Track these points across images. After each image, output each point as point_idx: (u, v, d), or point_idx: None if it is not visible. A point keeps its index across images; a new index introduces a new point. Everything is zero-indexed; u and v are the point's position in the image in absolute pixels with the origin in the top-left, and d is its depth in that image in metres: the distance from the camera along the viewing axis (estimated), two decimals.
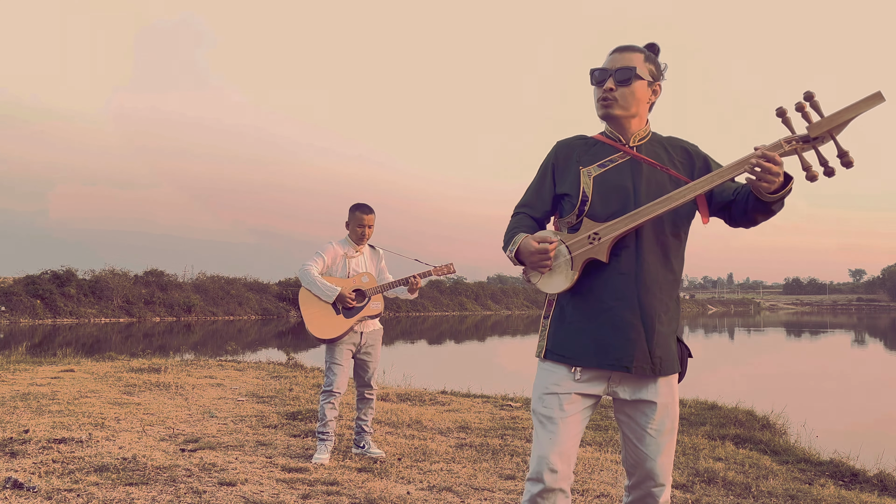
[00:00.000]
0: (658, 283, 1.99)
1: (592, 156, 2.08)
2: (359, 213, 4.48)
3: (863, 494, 4.10)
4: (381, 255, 4.70)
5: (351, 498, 3.55)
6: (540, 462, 1.93)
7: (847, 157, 1.78)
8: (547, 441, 1.95)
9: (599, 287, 1.99)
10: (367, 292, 4.45)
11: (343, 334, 4.38)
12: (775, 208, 1.91)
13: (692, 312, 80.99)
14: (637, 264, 1.98)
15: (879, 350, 24.58)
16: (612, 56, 2.07)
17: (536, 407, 2.02)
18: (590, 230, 1.98)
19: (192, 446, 4.53)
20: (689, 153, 2.12)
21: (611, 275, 1.98)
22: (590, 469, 4.36)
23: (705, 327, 41.20)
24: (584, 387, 1.99)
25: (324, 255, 4.45)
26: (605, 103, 2.05)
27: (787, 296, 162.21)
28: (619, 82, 2.04)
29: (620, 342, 1.95)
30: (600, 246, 1.96)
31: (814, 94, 1.79)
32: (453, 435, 5.35)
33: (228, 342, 21.04)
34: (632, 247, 1.98)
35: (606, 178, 2.04)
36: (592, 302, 1.99)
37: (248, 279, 45.88)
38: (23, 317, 32.31)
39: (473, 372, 12.77)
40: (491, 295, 63.05)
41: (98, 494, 3.36)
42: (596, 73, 2.07)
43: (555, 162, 2.14)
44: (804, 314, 78.71)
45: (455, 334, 32.01)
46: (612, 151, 2.08)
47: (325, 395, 4.42)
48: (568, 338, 2.01)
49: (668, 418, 2.01)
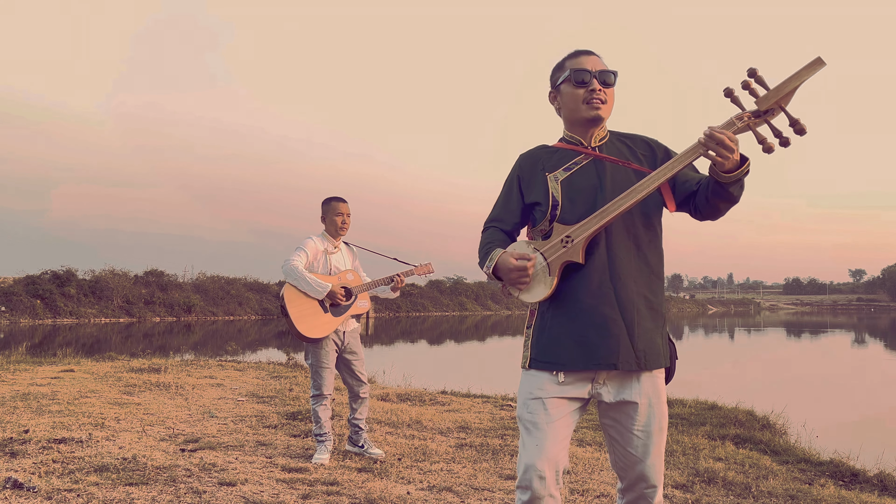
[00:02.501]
0: (632, 276, 1.99)
1: (556, 161, 2.09)
2: (335, 202, 4.44)
3: (863, 494, 4.10)
4: (355, 252, 4.66)
5: (351, 498, 3.55)
6: (528, 469, 1.92)
7: (798, 124, 1.79)
8: (533, 447, 1.94)
9: (575, 288, 1.98)
10: (353, 290, 4.40)
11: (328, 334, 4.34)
12: (734, 191, 1.87)
13: (692, 312, 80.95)
14: (609, 259, 1.98)
15: (879, 350, 24.58)
16: (585, 58, 2.06)
17: (521, 413, 2.01)
18: (561, 234, 1.98)
19: (192, 446, 4.53)
20: (650, 146, 2.13)
21: (584, 273, 1.98)
22: (590, 469, 4.35)
23: (705, 327, 41.21)
24: (568, 390, 1.98)
25: (306, 249, 4.36)
26: (596, 104, 2.04)
27: (787, 296, 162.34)
28: (604, 84, 2.04)
29: (604, 340, 1.94)
30: (574, 248, 1.96)
31: (757, 70, 1.80)
32: (453, 435, 5.35)
33: (228, 342, 21.05)
34: (602, 243, 1.98)
35: (573, 180, 2.04)
36: (570, 303, 1.99)
37: (248, 279, 45.96)
38: (23, 317, 32.32)
39: (473, 372, 12.76)
40: (491, 295, 63.04)
41: (98, 494, 3.36)
42: (578, 73, 2.04)
43: (520, 174, 2.14)
44: (804, 314, 78.71)
45: (455, 334, 32.01)
46: (575, 155, 2.08)
47: (316, 399, 4.39)
48: (551, 344, 2.00)
49: (655, 418, 1.99)
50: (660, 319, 2.03)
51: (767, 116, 1.83)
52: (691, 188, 2.00)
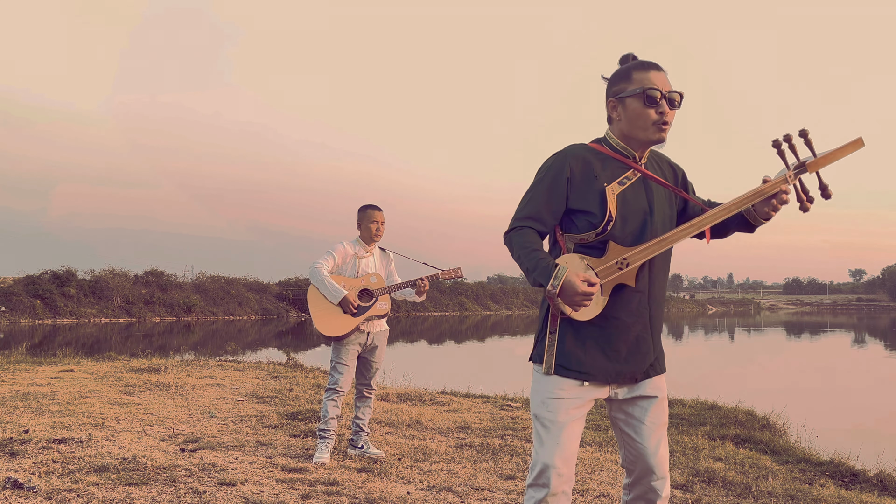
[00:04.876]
0: (663, 297, 2.10)
1: (611, 173, 2.01)
2: (370, 210, 4.56)
3: (863, 494, 4.10)
4: (391, 257, 4.75)
5: (351, 498, 3.55)
6: (546, 467, 1.95)
7: (827, 190, 2.02)
8: (553, 445, 1.96)
9: (616, 305, 2.01)
10: (374, 292, 4.48)
11: (349, 333, 4.41)
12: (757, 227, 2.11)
13: (692, 312, 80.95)
14: (650, 282, 2.04)
15: (879, 350, 24.57)
16: (657, 74, 1.99)
17: (539, 411, 2.01)
18: (618, 255, 1.96)
19: (192, 446, 4.53)
20: (672, 167, 2.19)
21: (626, 293, 2.01)
22: (590, 469, 4.35)
23: (705, 327, 41.20)
24: (589, 392, 2.03)
25: (334, 253, 4.50)
26: (665, 128, 1.99)
27: (787, 296, 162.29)
28: (671, 105, 1.99)
29: (636, 358, 2.03)
30: (630, 272, 1.99)
31: (808, 132, 1.95)
32: (453, 435, 5.35)
33: (228, 342, 21.05)
34: (646, 267, 2.03)
35: (626, 197, 2.00)
36: (609, 319, 2.00)
37: (248, 279, 45.93)
38: (23, 317, 32.31)
39: (473, 372, 12.76)
40: (491, 295, 63.04)
41: (98, 494, 3.36)
42: (652, 92, 1.96)
43: (570, 175, 2.00)
44: (804, 314, 78.71)
45: (455, 334, 32.01)
46: (626, 168, 2.03)
47: (329, 393, 4.45)
48: (580, 354, 2.00)
49: (663, 411, 2.10)
50: None
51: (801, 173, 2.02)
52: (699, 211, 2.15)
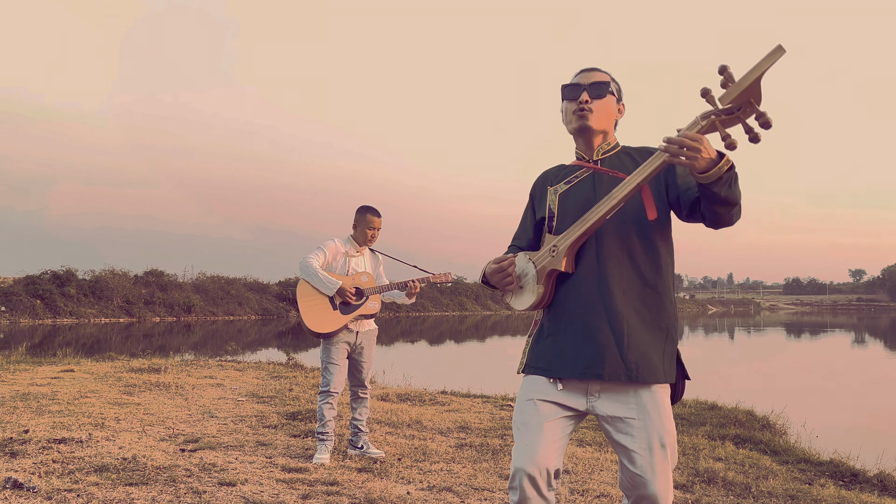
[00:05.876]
0: (622, 287, 1.95)
1: (561, 176, 2.15)
2: (369, 215, 4.53)
3: (863, 494, 4.10)
4: (380, 259, 4.74)
5: (351, 498, 3.55)
6: (517, 471, 1.91)
7: (763, 117, 1.71)
8: (523, 448, 1.93)
9: (567, 296, 2.01)
10: (365, 291, 4.46)
11: (338, 330, 4.39)
12: (719, 191, 1.76)
13: (692, 312, 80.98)
14: (599, 269, 1.97)
15: (879, 350, 24.57)
16: (581, 74, 2.11)
17: (515, 415, 2.03)
18: (550, 244, 2.04)
19: (192, 446, 4.53)
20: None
21: (575, 283, 2.00)
22: (590, 469, 4.36)
23: (705, 327, 41.20)
24: (563, 396, 1.96)
25: (325, 250, 4.48)
26: (581, 114, 2.06)
27: (787, 296, 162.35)
28: (593, 96, 2.07)
29: (590, 348, 1.93)
30: (558, 256, 2.00)
31: (727, 67, 1.71)
32: (453, 435, 5.35)
33: (228, 342, 21.05)
34: (593, 253, 1.99)
35: (569, 193, 2.10)
36: (562, 312, 2.01)
37: (248, 279, 45.95)
38: (23, 317, 32.31)
39: (473, 372, 12.76)
40: (491, 295, 63.02)
41: (98, 494, 3.36)
42: (568, 88, 2.10)
43: (533, 192, 2.24)
44: (804, 314, 78.70)
45: (455, 334, 32.00)
46: (578, 169, 2.13)
47: (323, 396, 4.43)
48: (544, 350, 2.03)
49: (656, 434, 1.89)
50: (659, 334, 1.96)
51: (740, 114, 1.74)
52: (694, 194, 1.92)
